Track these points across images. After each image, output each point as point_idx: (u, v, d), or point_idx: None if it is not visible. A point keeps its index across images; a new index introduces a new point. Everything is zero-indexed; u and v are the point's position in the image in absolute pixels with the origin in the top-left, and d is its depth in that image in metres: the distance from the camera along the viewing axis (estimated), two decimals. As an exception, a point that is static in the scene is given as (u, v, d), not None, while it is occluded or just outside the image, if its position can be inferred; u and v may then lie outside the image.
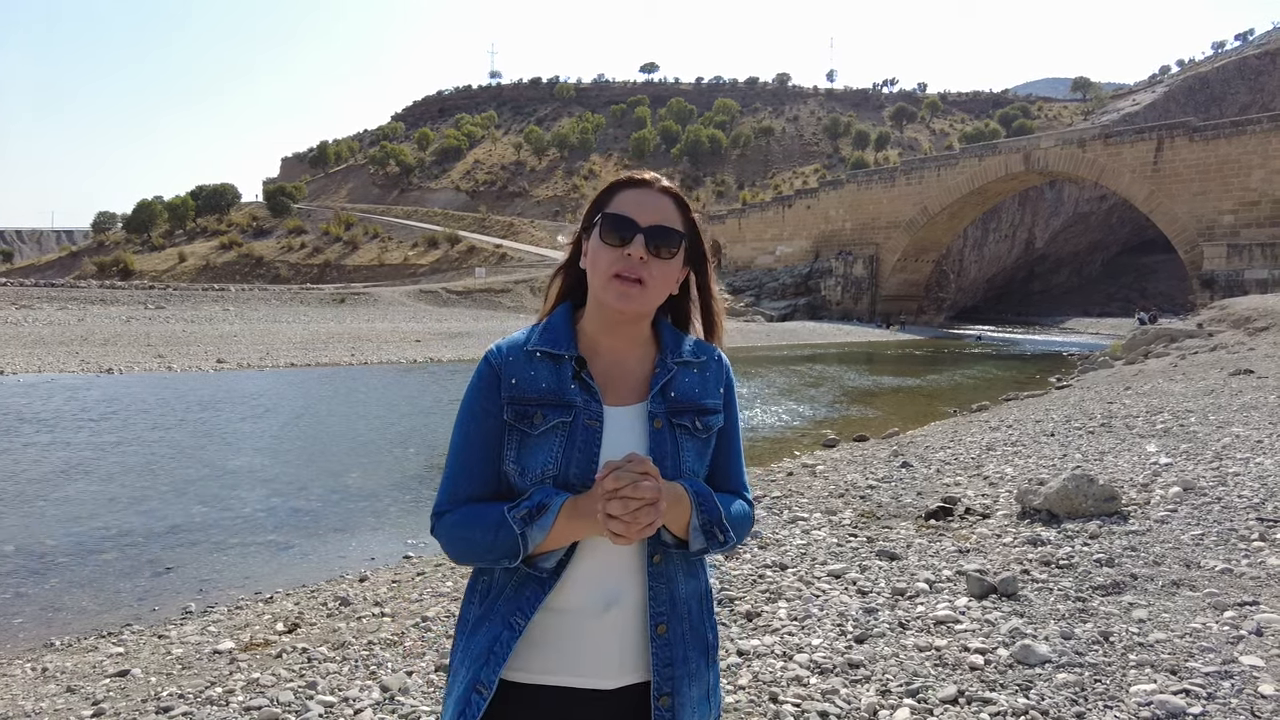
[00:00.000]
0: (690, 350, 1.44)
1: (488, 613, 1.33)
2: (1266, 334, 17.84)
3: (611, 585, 1.31)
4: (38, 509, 7.52)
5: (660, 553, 1.33)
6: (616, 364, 1.40)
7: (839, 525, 5.59)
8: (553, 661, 1.31)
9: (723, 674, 3.27)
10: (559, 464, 1.30)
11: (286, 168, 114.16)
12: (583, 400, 1.33)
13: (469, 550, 1.30)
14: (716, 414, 1.42)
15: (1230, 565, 4.02)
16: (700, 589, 1.40)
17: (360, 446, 10.92)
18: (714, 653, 1.41)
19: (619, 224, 1.34)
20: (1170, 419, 8.72)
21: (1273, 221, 35.23)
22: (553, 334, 1.39)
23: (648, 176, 1.40)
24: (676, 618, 1.34)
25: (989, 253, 63.09)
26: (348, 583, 5.34)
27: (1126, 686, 2.90)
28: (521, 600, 1.30)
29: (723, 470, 1.44)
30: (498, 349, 1.40)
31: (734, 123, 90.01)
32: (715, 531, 1.32)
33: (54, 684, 3.70)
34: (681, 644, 1.34)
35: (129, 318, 30.80)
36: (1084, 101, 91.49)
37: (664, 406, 1.37)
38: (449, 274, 53.97)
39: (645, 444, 1.34)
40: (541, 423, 1.32)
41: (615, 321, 1.38)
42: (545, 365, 1.36)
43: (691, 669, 1.35)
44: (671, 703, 1.31)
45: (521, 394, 1.34)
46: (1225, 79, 76.10)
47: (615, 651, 1.31)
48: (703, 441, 1.39)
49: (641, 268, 1.33)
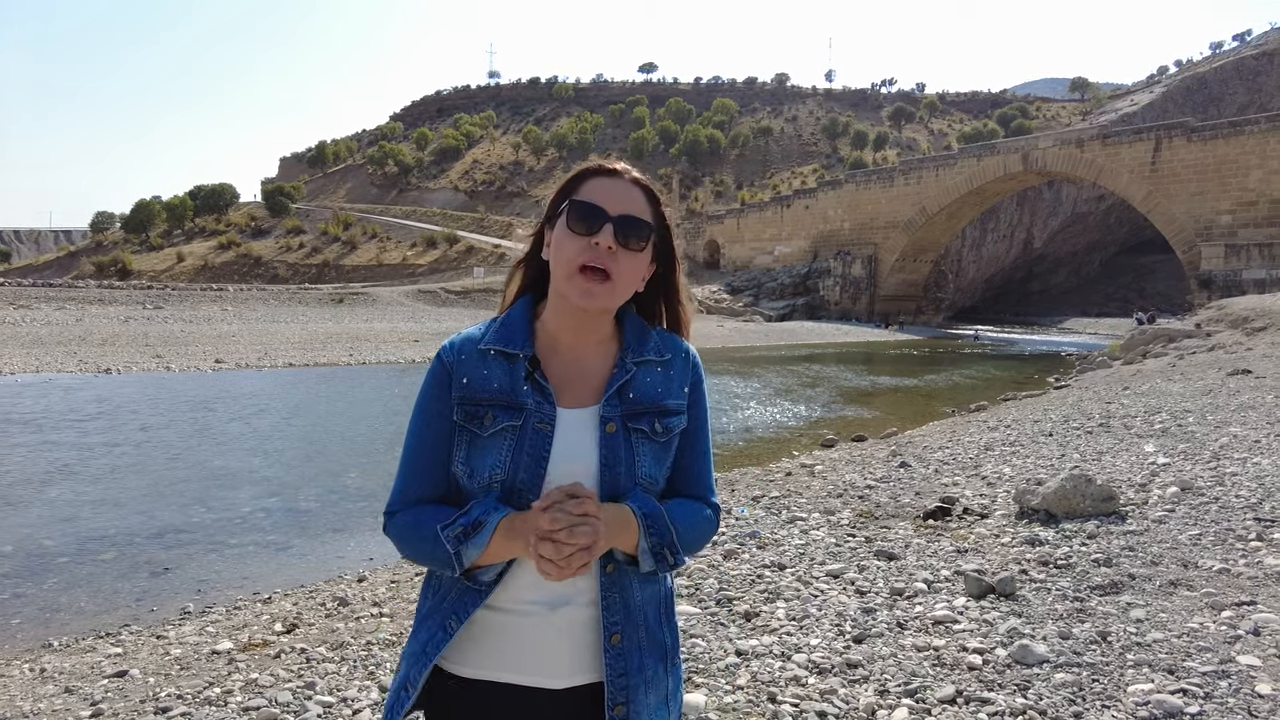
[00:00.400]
0: (654, 347, 1.37)
1: (433, 609, 1.31)
2: (1264, 334, 17.87)
3: (560, 589, 1.27)
4: (35, 509, 7.51)
5: (613, 564, 1.29)
6: (575, 363, 1.34)
7: (837, 525, 5.59)
8: (494, 659, 1.28)
9: (721, 674, 3.27)
10: (507, 468, 1.26)
11: (285, 168, 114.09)
12: (534, 402, 1.28)
13: (415, 555, 1.29)
14: (679, 415, 1.35)
15: (1228, 565, 4.02)
16: (658, 594, 1.35)
17: (358, 447, 10.93)
18: (674, 656, 1.37)
19: (587, 212, 1.28)
20: (1168, 419, 8.73)
21: (1270, 222, 35.28)
22: (509, 331, 1.34)
23: (618, 166, 1.34)
24: (631, 625, 1.30)
25: (987, 253, 63.15)
26: (346, 583, 5.34)
27: (1124, 686, 2.90)
28: (463, 603, 1.28)
29: (686, 473, 1.38)
30: (450, 346, 1.34)
31: (732, 123, 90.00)
32: (665, 554, 1.28)
33: (52, 684, 3.70)
34: (637, 652, 1.30)
35: (127, 318, 30.77)
36: (1082, 102, 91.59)
37: (620, 409, 1.31)
38: (447, 274, 53.95)
39: (596, 448, 1.29)
40: (491, 425, 1.27)
41: (577, 317, 1.32)
42: (499, 364, 1.31)
43: (648, 676, 1.30)
44: (626, 711, 1.27)
45: (472, 394, 1.29)
46: (1223, 79, 76.23)
47: (563, 652, 1.28)
48: (661, 445, 1.33)
49: (609, 259, 1.26)
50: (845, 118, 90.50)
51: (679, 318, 1.44)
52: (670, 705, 1.36)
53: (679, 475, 1.37)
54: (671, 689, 1.36)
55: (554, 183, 1.37)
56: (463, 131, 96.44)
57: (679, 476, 1.37)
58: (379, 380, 18.66)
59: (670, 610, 1.38)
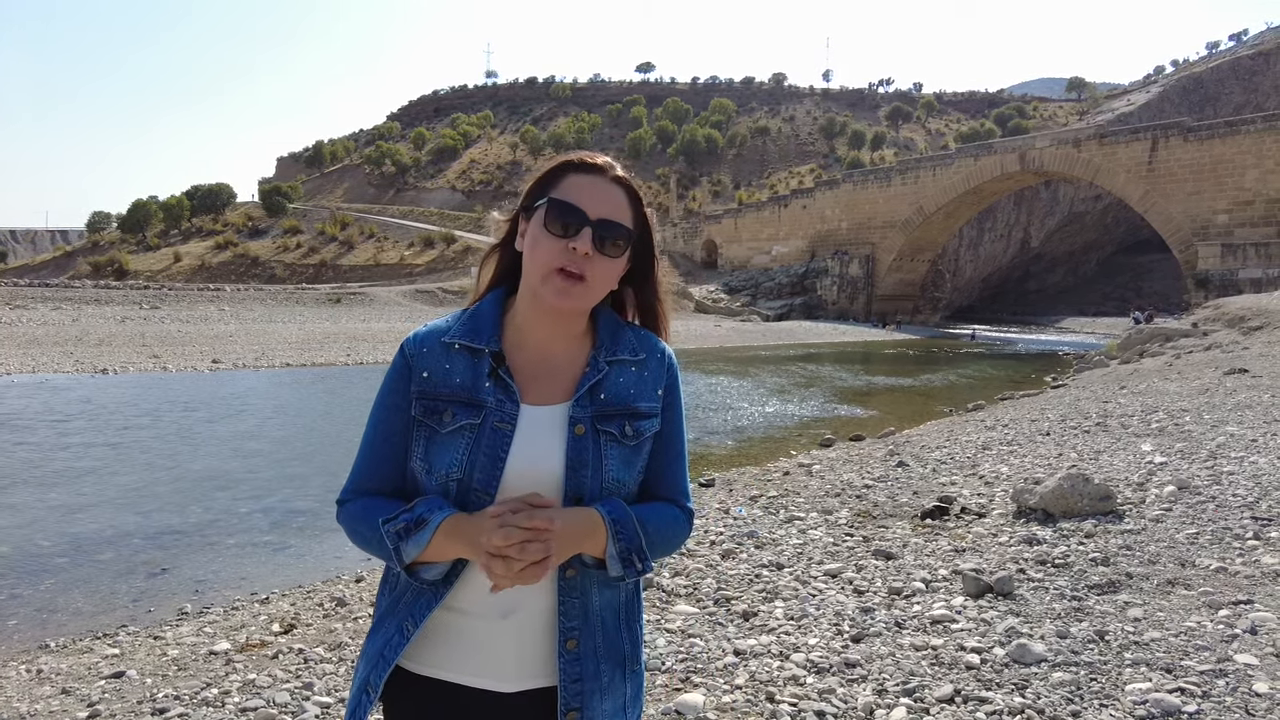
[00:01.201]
0: (629, 345, 1.33)
1: (390, 609, 1.29)
2: (1260, 333, 17.90)
3: (516, 593, 1.22)
4: (32, 510, 7.49)
5: (574, 567, 1.25)
6: (544, 360, 1.30)
7: (835, 525, 5.59)
8: (444, 658, 1.27)
9: (719, 674, 3.27)
10: (464, 467, 1.23)
11: (282, 167, 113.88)
12: (495, 400, 1.25)
13: (363, 545, 1.28)
14: (651, 418, 1.31)
15: (1225, 564, 4.03)
16: (617, 600, 1.32)
17: (355, 446, 10.88)
18: (632, 663, 1.33)
19: (566, 212, 1.23)
20: (1165, 418, 8.74)
21: (1266, 221, 35.38)
22: (476, 324, 1.30)
23: (600, 161, 1.29)
24: (589, 631, 1.27)
25: (984, 252, 63.24)
26: (344, 583, 5.33)
27: (1122, 685, 2.90)
28: (418, 605, 1.26)
29: (659, 476, 1.34)
30: (414, 338, 1.31)
31: (730, 123, 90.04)
32: (633, 559, 1.24)
33: (49, 685, 3.69)
34: (593, 658, 1.27)
35: (124, 318, 30.71)
36: (1079, 101, 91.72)
37: (590, 410, 1.27)
38: (445, 274, 53.91)
39: (562, 449, 1.25)
40: (450, 421, 1.24)
41: (551, 315, 1.28)
42: (462, 359, 1.27)
43: (604, 683, 1.27)
44: (580, 717, 1.25)
45: (432, 389, 1.26)
46: (1219, 79, 76.36)
47: (514, 656, 1.26)
48: (631, 449, 1.28)
49: (585, 264, 1.22)
50: (842, 117, 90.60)
51: (656, 314, 1.39)
52: (629, 712, 1.33)
53: (652, 478, 1.34)
54: (631, 695, 1.33)
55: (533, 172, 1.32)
56: (460, 131, 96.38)
57: (652, 480, 1.34)
58: (377, 380, 18.56)
59: (632, 615, 1.35)
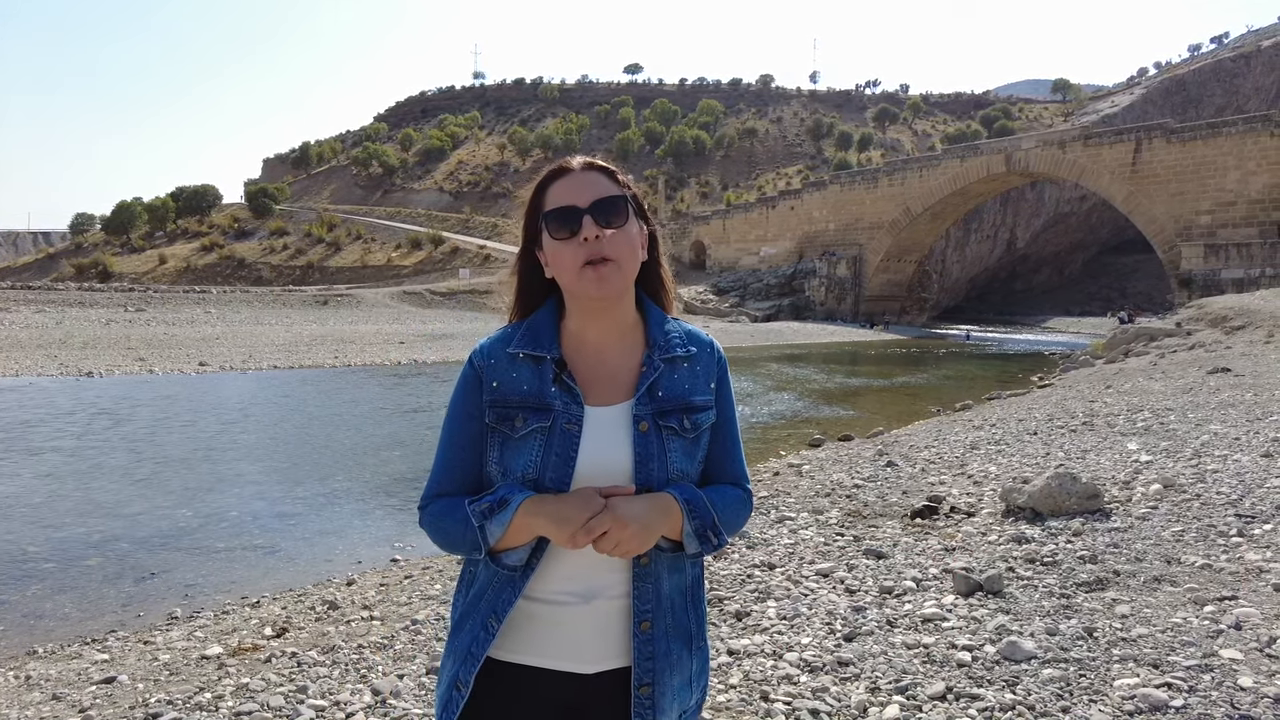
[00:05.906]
0: (680, 342, 1.41)
1: (470, 609, 1.36)
2: (1243, 332, 18.09)
3: (594, 581, 1.33)
4: (17, 514, 7.42)
5: (646, 556, 1.33)
6: (602, 362, 1.38)
7: (826, 525, 5.62)
8: (527, 644, 1.34)
9: (713, 673, 3.29)
10: (537, 467, 1.31)
11: (268, 169, 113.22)
12: (562, 403, 1.33)
13: (446, 541, 1.35)
14: (706, 410, 1.40)
15: (1210, 561, 4.08)
16: (685, 582, 1.40)
17: (344, 449, 10.86)
18: (698, 640, 1.42)
19: (562, 215, 1.33)
20: (1150, 417, 8.83)
21: (1248, 222, 35.76)
22: (535, 334, 1.38)
23: (571, 164, 1.38)
24: (660, 613, 1.36)
25: (971, 253, 63.60)
26: (335, 586, 5.32)
27: (1110, 681, 2.94)
28: (499, 602, 1.33)
29: (719, 463, 1.44)
30: (481, 350, 1.39)
31: (718, 124, 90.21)
32: (709, 535, 1.34)
33: (38, 691, 3.66)
34: (665, 638, 1.35)
35: (109, 320, 30.46)
36: (1064, 103, 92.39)
37: (651, 408, 1.35)
38: (433, 275, 53.76)
39: (629, 446, 1.33)
40: (522, 426, 1.32)
41: (597, 310, 1.36)
42: (527, 367, 1.35)
43: (674, 660, 1.36)
44: (651, 692, 1.33)
45: (503, 398, 1.34)
46: (1201, 81, 77.13)
47: (594, 640, 1.34)
48: (691, 440, 1.38)
49: (602, 246, 1.31)
50: (830, 118, 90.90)
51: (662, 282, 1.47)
52: (694, 685, 1.42)
53: (712, 465, 1.43)
54: (696, 670, 1.42)
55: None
56: (448, 132, 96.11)
57: (712, 466, 1.43)
58: (365, 382, 18.56)
59: (698, 596, 1.44)
